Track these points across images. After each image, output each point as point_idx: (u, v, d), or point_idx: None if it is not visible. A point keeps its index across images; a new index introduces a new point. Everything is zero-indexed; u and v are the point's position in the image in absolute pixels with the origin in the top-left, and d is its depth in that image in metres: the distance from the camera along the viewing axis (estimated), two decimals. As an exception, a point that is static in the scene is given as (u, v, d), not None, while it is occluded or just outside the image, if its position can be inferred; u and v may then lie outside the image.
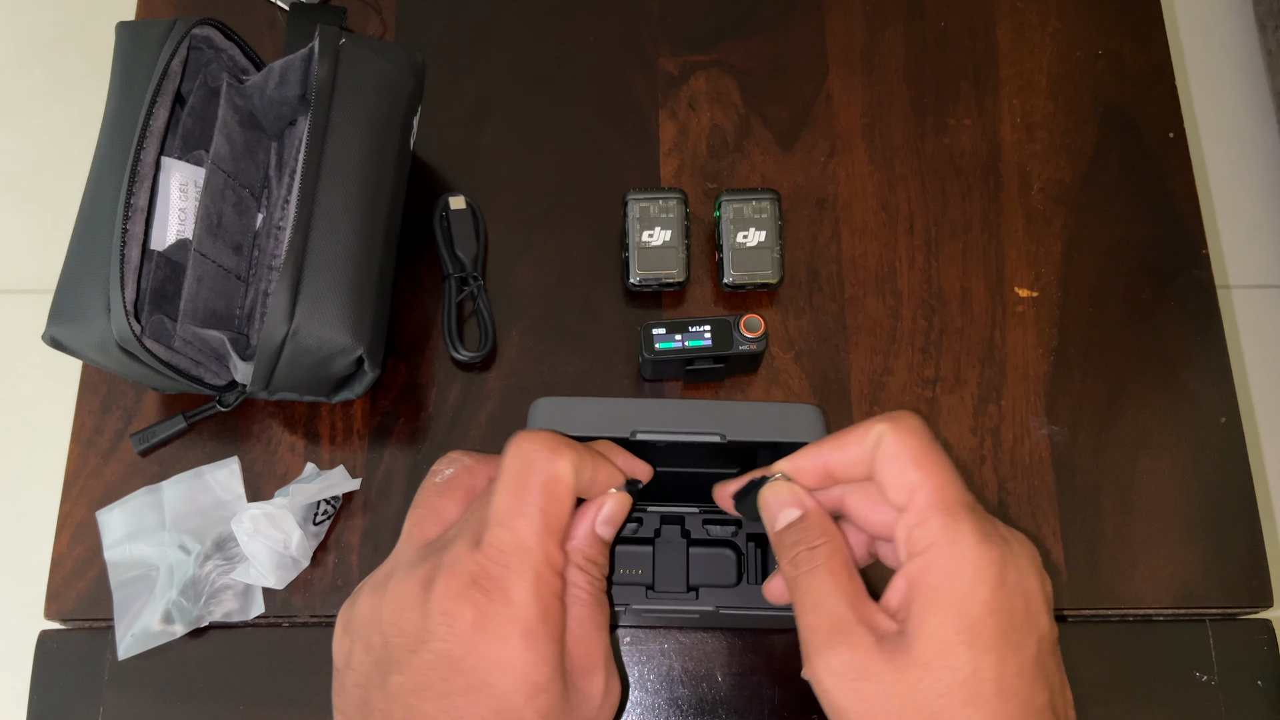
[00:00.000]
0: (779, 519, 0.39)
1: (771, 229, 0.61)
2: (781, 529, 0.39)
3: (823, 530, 0.38)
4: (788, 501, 0.39)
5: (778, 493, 0.40)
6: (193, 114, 0.58)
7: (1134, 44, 0.70)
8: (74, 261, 0.52)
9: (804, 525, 0.39)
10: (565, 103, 0.68)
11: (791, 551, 0.38)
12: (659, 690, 0.55)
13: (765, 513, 0.40)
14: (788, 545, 0.38)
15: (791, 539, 0.38)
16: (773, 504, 0.40)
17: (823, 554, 0.37)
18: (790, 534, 0.39)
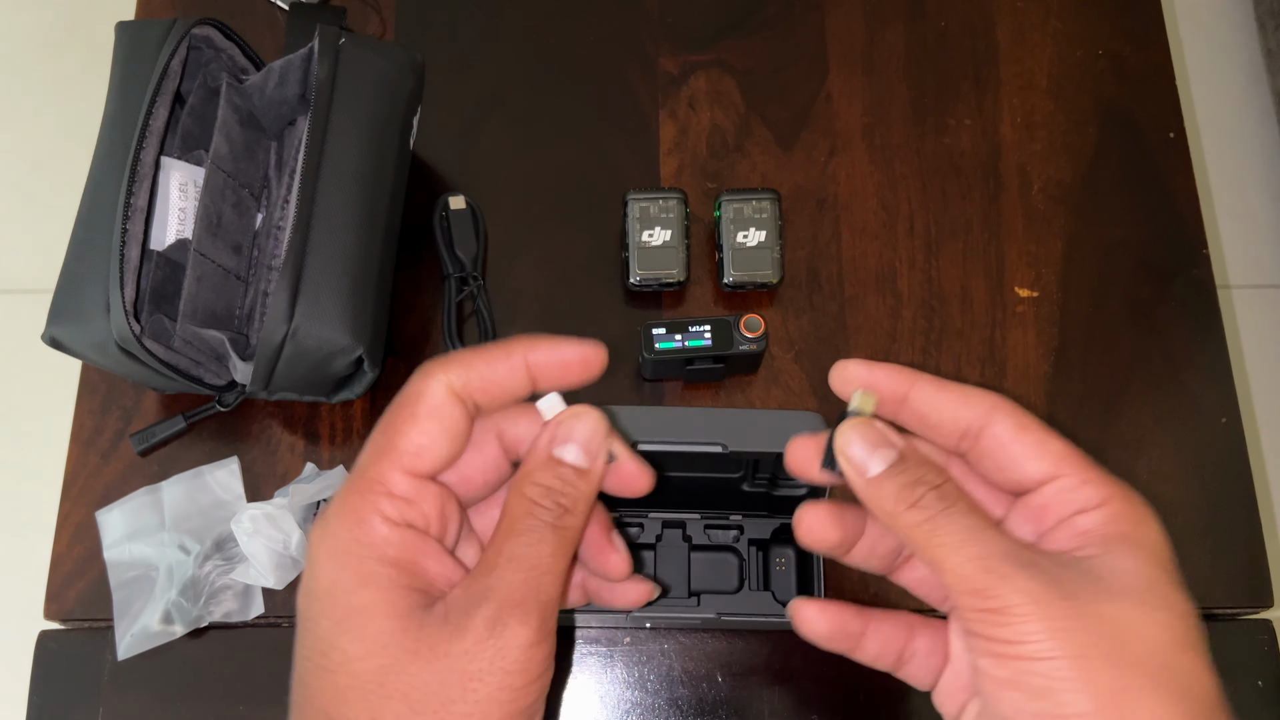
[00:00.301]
0: (871, 463, 0.32)
1: (771, 229, 0.61)
2: (880, 474, 0.32)
3: (933, 465, 0.32)
4: (879, 441, 0.32)
5: (865, 433, 0.32)
6: (192, 114, 0.58)
7: (1134, 44, 0.70)
8: (73, 261, 0.52)
9: (914, 465, 0.32)
10: (565, 102, 0.68)
11: (912, 494, 0.31)
12: (659, 691, 0.55)
13: (849, 456, 0.32)
14: (901, 490, 0.31)
15: (903, 481, 0.31)
16: (859, 447, 0.32)
17: (953, 491, 0.31)
18: (898, 477, 0.31)
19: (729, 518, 0.54)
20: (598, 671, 0.56)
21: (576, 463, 0.32)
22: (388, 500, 0.31)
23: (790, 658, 0.56)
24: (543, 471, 0.32)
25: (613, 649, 0.56)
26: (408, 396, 0.32)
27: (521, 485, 0.32)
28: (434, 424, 0.32)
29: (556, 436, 0.33)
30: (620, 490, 0.35)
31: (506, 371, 0.33)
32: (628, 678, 0.55)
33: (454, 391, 0.32)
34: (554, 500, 0.32)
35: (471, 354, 0.33)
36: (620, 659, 0.56)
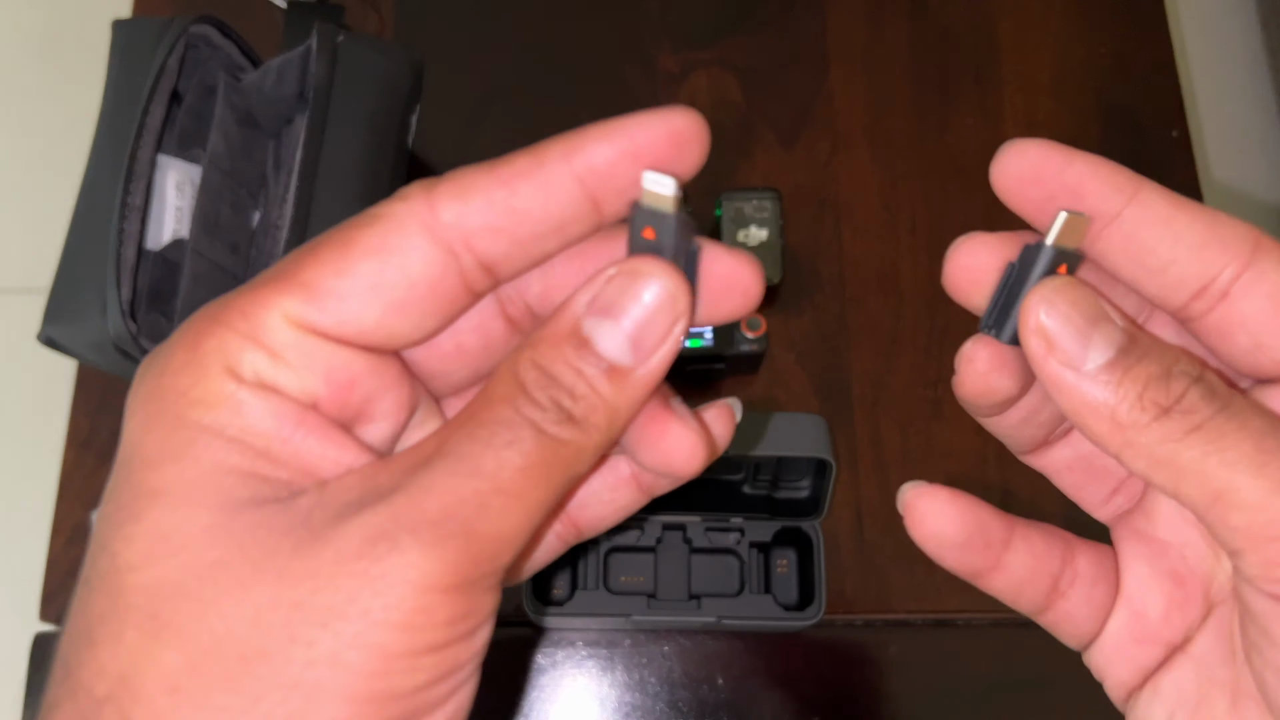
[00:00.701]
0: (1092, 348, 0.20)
1: (773, 228, 0.61)
2: (1103, 367, 0.20)
3: (1178, 349, 0.21)
4: (1098, 314, 0.20)
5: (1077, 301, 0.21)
6: (189, 112, 0.57)
7: (1137, 42, 0.70)
8: (69, 260, 0.52)
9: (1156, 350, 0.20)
10: (564, 101, 0.68)
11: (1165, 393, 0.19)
12: (659, 693, 0.55)
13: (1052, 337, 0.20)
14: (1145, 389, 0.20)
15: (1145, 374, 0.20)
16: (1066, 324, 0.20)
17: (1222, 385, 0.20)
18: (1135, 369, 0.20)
19: (730, 520, 0.54)
20: (597, 674, 0.55)
21: (614, 357, 0.20)
22: (247, 347, 0.19)
23: (791, 661, 0.55)
24: (553, 349, 0.20)
25: (613, 651, 0.55)
26: (363, 217, 0.20)
27: (516, 357, 0.20)
28: (370, 269, 0.19)
29: (597, 299, 0.20)
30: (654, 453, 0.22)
31: (540, 197, 0.20)
32: (628, 680, 0.55)
33: (437, 233, 0.20)
34: (554, 396, 0.19)
35: (483, 174, 0.20)
36: (620, 661, 0.55)
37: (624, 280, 0.20)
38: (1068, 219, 0.21)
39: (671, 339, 0.20)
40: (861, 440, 0.60)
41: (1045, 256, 0.21)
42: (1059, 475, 0.26)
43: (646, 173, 0.20)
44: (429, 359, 0.22)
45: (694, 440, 0.21)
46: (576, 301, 0.20)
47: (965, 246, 0.24)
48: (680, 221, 0.20)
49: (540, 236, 0.20)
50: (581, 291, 0.20)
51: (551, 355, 0.20)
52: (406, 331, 0.20)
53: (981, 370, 0.23)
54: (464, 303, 0.20)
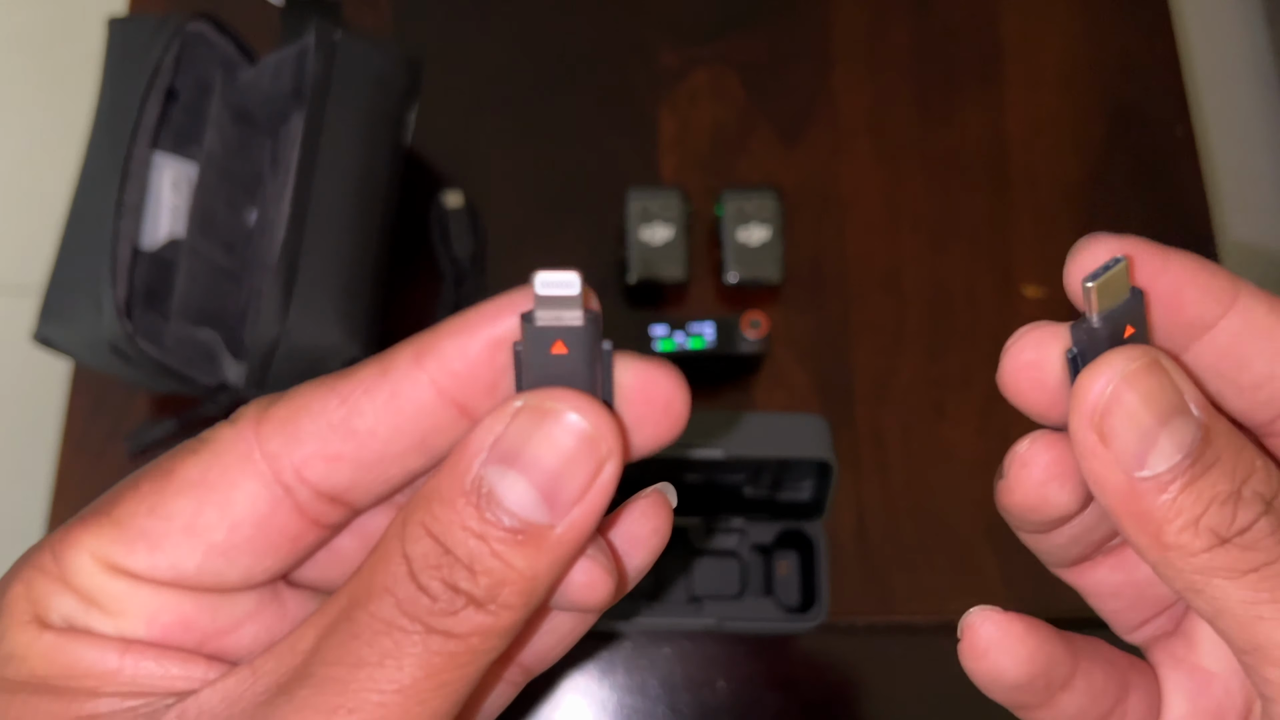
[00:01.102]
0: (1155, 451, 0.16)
1: (774, 227, 0.60)
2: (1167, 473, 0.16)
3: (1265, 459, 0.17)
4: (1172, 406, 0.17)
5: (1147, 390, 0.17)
6: (185, 110, 0.57)
7: (1141, 38, 0.70)
8: (64, 260, 0.52)
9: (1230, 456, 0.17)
10: (564, 98, 0.67)
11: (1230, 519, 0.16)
12: (660, 696, 0.54)
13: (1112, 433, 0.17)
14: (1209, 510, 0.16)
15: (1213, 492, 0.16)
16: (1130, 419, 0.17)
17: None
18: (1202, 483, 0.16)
19: (730, 522, 0.53)
20: (597, 677, 0.55)
21: (526, 516, 0.16)
22: (55, 590, 0.17)
23: (793, 664, 0.55)
24: (449, 513, 0.16)
25: (613, 654, 0.55)
26: (191, 445, 0.18)
27: (403, 522, 0.16)
28: (188, 508, 0.17)
29: (499, 443, 0.16)
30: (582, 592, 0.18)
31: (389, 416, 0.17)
32: (628, 683, 0.55)
33: (267, 468, 0.17)
34: (449, 578, 0.16)
35: (318, 394, 0.17)
36: (620, 664, 0.55)
37: (530, 418, 0.16)
38: (1098, 285, 0.18)
39: (598, 487, 0.16)
40: (864, 441, 0.59)
41: (1103, 336, 0.17)
42: (1097, 597, 0.22)
43: (540, 274, 0.17)
44: (309, 572, 0.19)
45: (594, 573, 0.18)
46: (474, 445, 0.16)
47: (1024, 340, 0.20)
48: (590, 331, 0.17)
49: (395, 457, 0.17)
50: (480, 430, 0.16)
51: (446, 517, 0.16)
52: (237, 576, 0.17)
53: (1038, 479, 0.19)
54: (311, 538, 0.18)
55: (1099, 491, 0.17)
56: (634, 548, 0.20)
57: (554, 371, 0.17)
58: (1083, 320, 0.18)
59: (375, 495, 0.18)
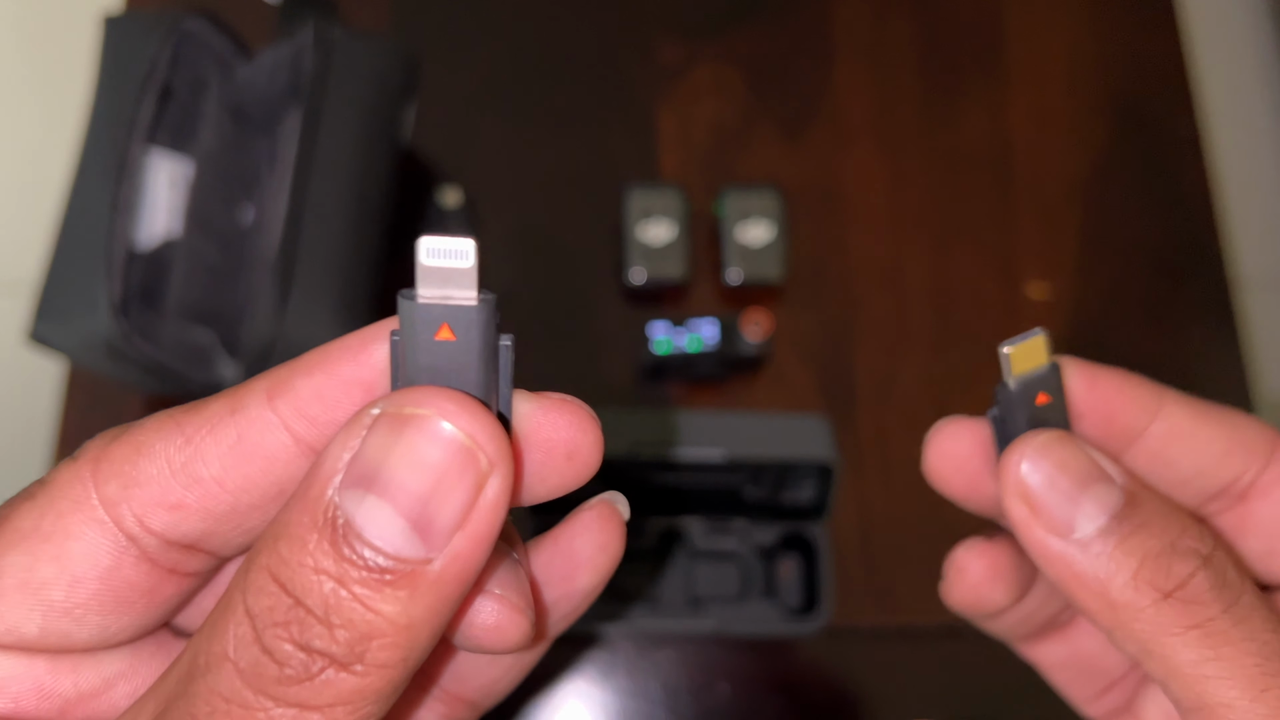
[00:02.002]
0: (1081, 514, 0.17)
1: (776, 225, 0.60)
2: (1096, 534, 0.17)
3: (1184, 514, 0.18)
4: (1090, 473, 0.18)
5: (1064, 458, 0.18)
6: (181, 107, 0.56)
7: (1147, 35, 0.69)
8: (59, 258, 0.51)
9: (1157, 516, 0.17)
10: (563, 94, 0.67)
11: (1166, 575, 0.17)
12: (661, 700, 0.54)
13: (1034, 497, 0.18)
14: (1143, 566, 0.17)
15: (1146, 549, 0.17)
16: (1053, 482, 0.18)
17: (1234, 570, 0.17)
18: (1132, 540, 0.17)
19: (731, 524, 0.53)
20: (598, 680, 0.54)
21: (393, 550, 0.13)
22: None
23: (795, 667, 0.54)
24: (298, 553, 0.13)
25: (613, 657, 0.55)
26: (23, 498, 0.16)
27: (246, 569, 0.14)
28: (23, 561, 0.15)
29: (355, 462, 0.13)
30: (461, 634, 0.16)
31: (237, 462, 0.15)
32: (629, 687, 0.54)
33: (104, 516, 0.15)
34: (300, 637, 0.13)
35: (168, 426, 0.15)
36: (621, 667, 0.54)
37: (390, 428, 0.13)
38: (1014, 351, 0.19)
39: (482, 508, 0.13)
40: (866, 441, 0.59)
41: (1017, 399, 0.19)
42: (1049, 670, 0.23)
43: (424, 239, 0.14)
44: (197, 619, 0.17)
45: (502, 614, 0.15)
46: (326, 465, 0.13)
47: (943, 433, 0.21)
48: (485, 313, 0.13)
49: (249, 508, 0.15)
50: (334, 446, 0.13)
51: (295, 559, 0.13)
52: (88, 635, 0.15)
53: (973, 583, 0.20)
54: (171, 590, 0.15)
55: (1040, 563, 0.18)
56: (578, 570, 0.18)
57: (436, 363, 0.14)
58: (1001, 384, 0.20)
59: (238, 545, 0.15)
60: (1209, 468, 0.20)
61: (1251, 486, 0.19)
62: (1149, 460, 0.20)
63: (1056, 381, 0.19)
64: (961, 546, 0.21)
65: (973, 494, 0.20)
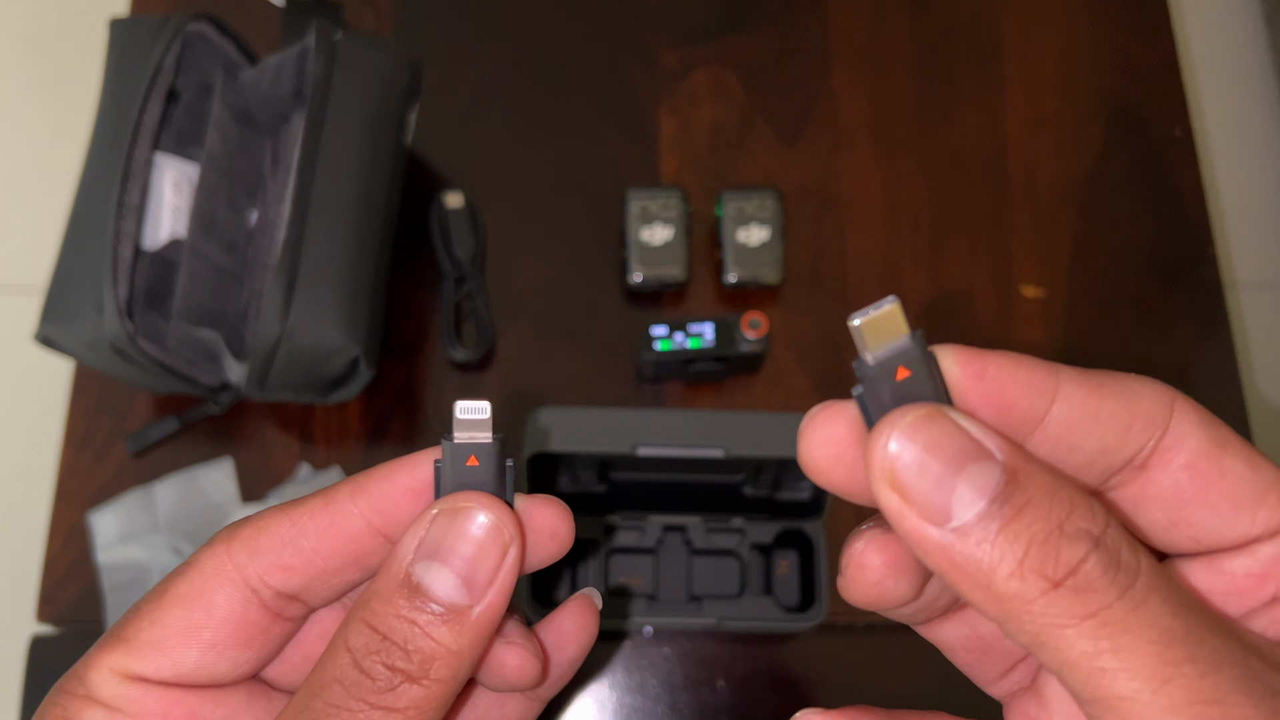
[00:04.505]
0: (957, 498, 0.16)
1: (774, 227, 0.61)
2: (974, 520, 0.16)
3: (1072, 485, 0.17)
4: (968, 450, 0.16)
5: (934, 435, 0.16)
6: (187, 110, 0.57)
7: (1140, 39, 0.70)
8: (66, 260, 0.52)
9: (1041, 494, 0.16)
10: (564, 98, 0.67)
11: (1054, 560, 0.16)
12: (659, 696, 0.54)
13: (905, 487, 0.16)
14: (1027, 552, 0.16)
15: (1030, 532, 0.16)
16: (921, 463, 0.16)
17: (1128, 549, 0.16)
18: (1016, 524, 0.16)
19: (730, 521, 0.53)
20: (598, 676, 0.55)
21: (449, 600, 0.19)
22: (85, 707, 0.21)
23: (792, 663, 0.55)
24: (384, 605, 0.19)
25: (613, 653, 0.55)
26: (180, 568, 0.22)
27: (347, 622, 0.20)
28: (179, 616, 0.21)
29: (423, 543, 0.20)
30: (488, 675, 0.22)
31: (327, 537, 0.21)
32: (628, 682, 0.55)
33: (235, 576, 0.21)
34: (387, 661, 0.19)
35: (276, 516, 0.21)
36: (620, 663, 0.55)
37: (447, 519, 0.20)
38: (865, 323, 0.17)
39: (505, 570, 0.20)
40: (863, 440, 0.60)
41: (877, 375, 0.17)
42: (950, 651, 0.22)
43: (459, 403, 0.20)
44: (288, 674, 0.23)
45: (523, 656, 0.22)
46: (403, 549, 0.20)
47: (814, 420, 0.18)
48: (498, 447, 0.21)
49: (335, 570, 0.21)
50: (406, 538, 0.20)
51: (383, 610, 0.19)
52: (227, 667, 0.21)
53: (873, 579, 0.19)
54: (279, 630, 0.22)
55: (920, 553, 0.16)
56: (565, 642, 0.23)
57: (467, 480, 0.21)
58: (858, 359, 0.18)
59: (324, 598, 0.22)
60: (1112, 444, 0.18)
61: (1151, 456, 0.18)
62: (1052, 445, 0.18)
63: (920, 353, 0.17)
64: (858, 538, 0.19)
65: (855, 485, 0.18)
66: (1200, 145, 0.68)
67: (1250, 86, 1.47)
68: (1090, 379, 0.19)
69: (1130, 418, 0.18)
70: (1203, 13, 1.49)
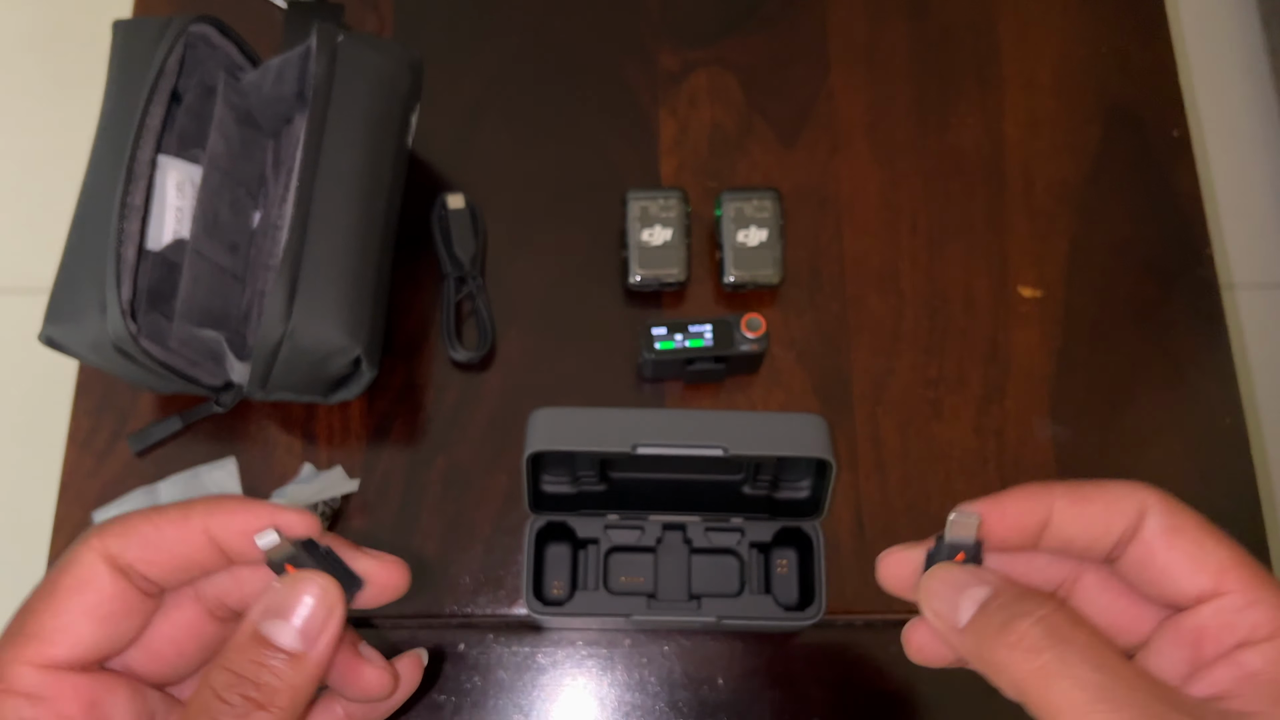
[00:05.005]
0: (960, 611, 0.27)
1: (773, 228, 0.61)
2: (972, 619, 0.26)
3: (1036, 596, 0.26)
4: (965, 581, 0.27)
5: (946, 578, 0.28)
6: (189, 112, 0.57)
7: (1137, 41, 0.70)
8: (70, 261, 0.52)
9: (1011, 597, 0.26)
10: (565, 100, 0.68)
11: (1014, 630, 0.25)
12: (659, 693, 0.55)
13: (933, 611, 0.28)
14: (1000, 627, 0.25)
15: (1002, 617, 0.26)
16: (940, 598, 0.27)
17: (1065, 620, 0.25)
18: (995, 615, 0.26)
19: (730, 520, 0.53)
20: (597, 674, 0.55)
21: (289, 646, 0.26)
22: (14, 699, 0.25)
23: (791, 661, 0.55)
24: (239, 654, 0.26)
25: (612, 651, 0.55)
26: (56, 569, 0.27)
27: (211, 668, 0.26)
28: (76, 601, 0.26)
29: (268, 607, 0.27)
30: (355, 690, 0.30)
31: (179, 539, 0.28)
32: (628, 680, 0.55)
33: (111, 562, 0.27)
34: (243, 693, 0.25)
35: (139, 518, 0.28)
36: (620, 661, 0.55)
37: (288, 588, 0.27)
38: (954, 520, 0.29)
39: (332, 626, 0.27)
40: (862, 440, 0.60)
41: (941, 549, 0.29)
42: None
43: (258, 537, 0.28)
44: (157, 664, 0.29)
45: (381, 675, 0.30)
46: (253, 613, 0.27)
47: (891, 557, 0.30)
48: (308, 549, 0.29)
49: (186, 566, 0.28)
50: (255, 607, 0.27)
51: (238, 658, 0.26)
52: (115, 638, 0.27)
53: (915, 652, 0.30)
54: (148, 606, 0.28)
55: (947, 643, 0.28)
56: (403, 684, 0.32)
57: (302, 561, 0.29)
58: (939, 536, 0.30)
59: (177, 582, 0.29)
60: (1097, 539, 0.28)
61: (1131, 537, 0.27)
62: (1058, 534, 0.28)
63: (976, 550, 0.29)
64: (908, 625, 0.31)
65: (908, 594, 0.30)
66: (1198, 147, 0.68)
67: (1248, 88, 1.47)
68: (1075, 491, 0.28)
69: (1108, 514, 0.27)
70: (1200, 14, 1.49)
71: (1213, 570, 0.26)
